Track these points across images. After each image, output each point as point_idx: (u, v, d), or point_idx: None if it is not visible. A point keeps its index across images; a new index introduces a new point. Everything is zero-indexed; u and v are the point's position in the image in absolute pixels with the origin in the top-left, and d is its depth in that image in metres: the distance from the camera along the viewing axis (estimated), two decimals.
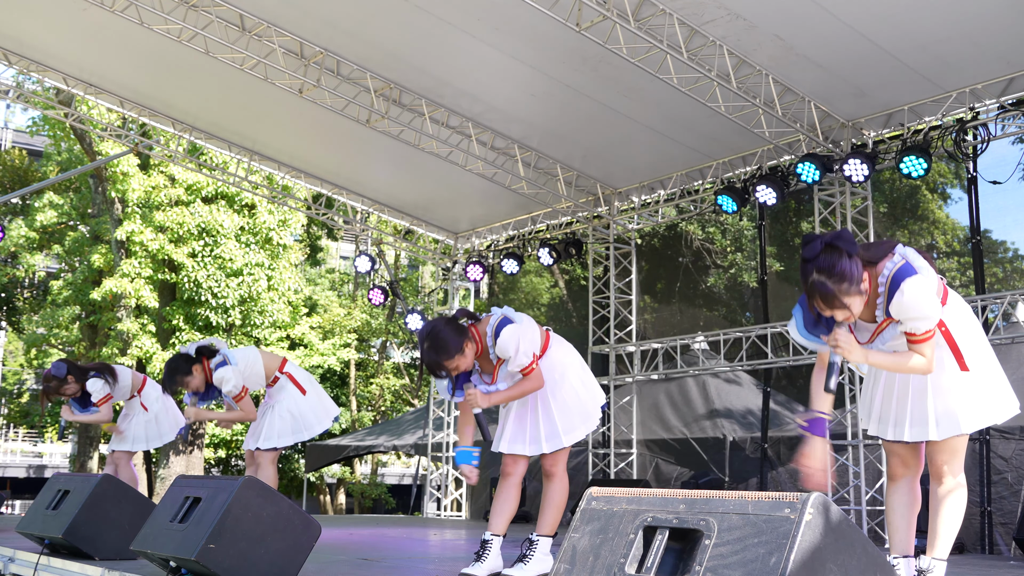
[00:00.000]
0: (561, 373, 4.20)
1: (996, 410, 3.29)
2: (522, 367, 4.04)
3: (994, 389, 3.31)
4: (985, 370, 3.31)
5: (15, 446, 34.89)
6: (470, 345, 4.00)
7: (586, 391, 4.26)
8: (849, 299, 3.01)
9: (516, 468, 4.22)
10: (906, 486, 3.44)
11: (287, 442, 5.71)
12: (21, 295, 23.93)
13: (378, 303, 12.92)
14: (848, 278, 2.98)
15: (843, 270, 2.97)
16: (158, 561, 3.77)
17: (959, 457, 3.30)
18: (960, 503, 3.28)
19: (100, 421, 6.61)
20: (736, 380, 12.31)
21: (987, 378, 3.31)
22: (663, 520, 2.23)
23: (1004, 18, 7.08)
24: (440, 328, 3.95)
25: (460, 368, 3.99)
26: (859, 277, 3.01)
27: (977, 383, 3.28)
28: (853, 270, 2.99)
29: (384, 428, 17.90)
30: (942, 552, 3.25)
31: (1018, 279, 13.45)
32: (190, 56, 8.74)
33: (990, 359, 3.35)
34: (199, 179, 16.55)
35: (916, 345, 3.13)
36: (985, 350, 3.35)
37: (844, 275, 2.98)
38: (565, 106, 9.23)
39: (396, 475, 30.81)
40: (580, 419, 4.18)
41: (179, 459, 17.65)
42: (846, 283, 2.98)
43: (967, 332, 3.32)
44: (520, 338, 4.01)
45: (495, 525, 4.18)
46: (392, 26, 8.27)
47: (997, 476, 8.26)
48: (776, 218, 12.58)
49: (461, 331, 3.98)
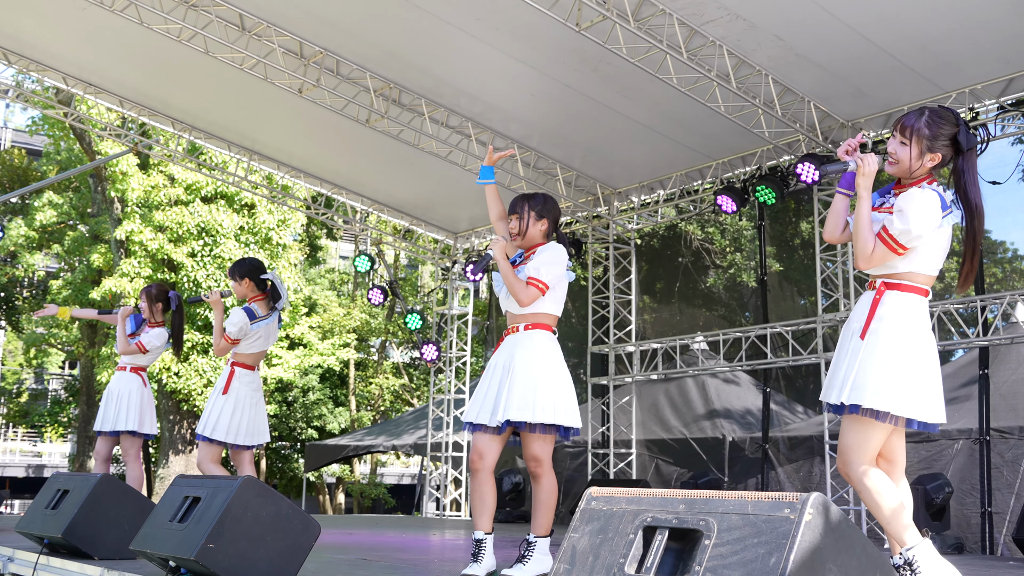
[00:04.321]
0: (552, 360, 4.17)
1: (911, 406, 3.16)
2: (535, 273, 4.15)
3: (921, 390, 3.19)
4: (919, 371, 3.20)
5: (14, 445, 34.90)
6: (544, 225, 4.30)
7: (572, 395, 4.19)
8: (915, 145, 3.26)
9: (483, 463, 4.13)
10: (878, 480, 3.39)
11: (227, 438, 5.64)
12: (20, 295, 23.93)
13: (377, 303, 12.92)
14: (936, 134, 3.25)
15: (939, 129, 3.26)
16: (157, 561, 3.77)
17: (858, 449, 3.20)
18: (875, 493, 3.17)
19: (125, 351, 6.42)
20: (735, 380, 12.32)
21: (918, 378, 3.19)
22: (663, 520, 2.23)
23: (1004, 18, 7.08)
24: (550, 198, 4.41)
25: (523, 227, 4.27)
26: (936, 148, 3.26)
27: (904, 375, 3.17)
28: (941, 138, 3.26)
29: (383, 428, 17.91)
30: (911, 539, 3.16)
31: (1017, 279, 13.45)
32: (190, 56, 8.74)
33: (931, 367, 3.23)
34: (198, 179, 16.55)
35: (878, 238, 3.23)
36: (930, 358, 3.24)
37: (936, 130, 3.25)
38: (565, 106, 9.23)
39: (395, 475, 30.82)
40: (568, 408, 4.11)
41: (179, 459, 17.65)
42: (929, 132, 3.26)
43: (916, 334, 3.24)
44: (557, 262, 4.20)
45: (480, 524, 4.15)
46: (392, 26, 8.27)
47: (997, 476, 8.26)
48: (776, 218, 12.58)
49: (552, 213, 4.33)
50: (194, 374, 16.84)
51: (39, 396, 31.12)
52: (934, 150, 3.27)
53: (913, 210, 3.19)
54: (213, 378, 16.97)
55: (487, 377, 4.24)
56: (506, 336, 4.28)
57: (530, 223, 4.26)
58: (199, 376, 16.88)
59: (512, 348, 4.18)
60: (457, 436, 13.07)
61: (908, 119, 3.31)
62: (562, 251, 4.24)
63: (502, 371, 4.16)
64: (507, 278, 4.16)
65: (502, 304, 4.32)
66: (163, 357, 16.52)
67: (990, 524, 8.11)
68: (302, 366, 21.06)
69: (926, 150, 3.26)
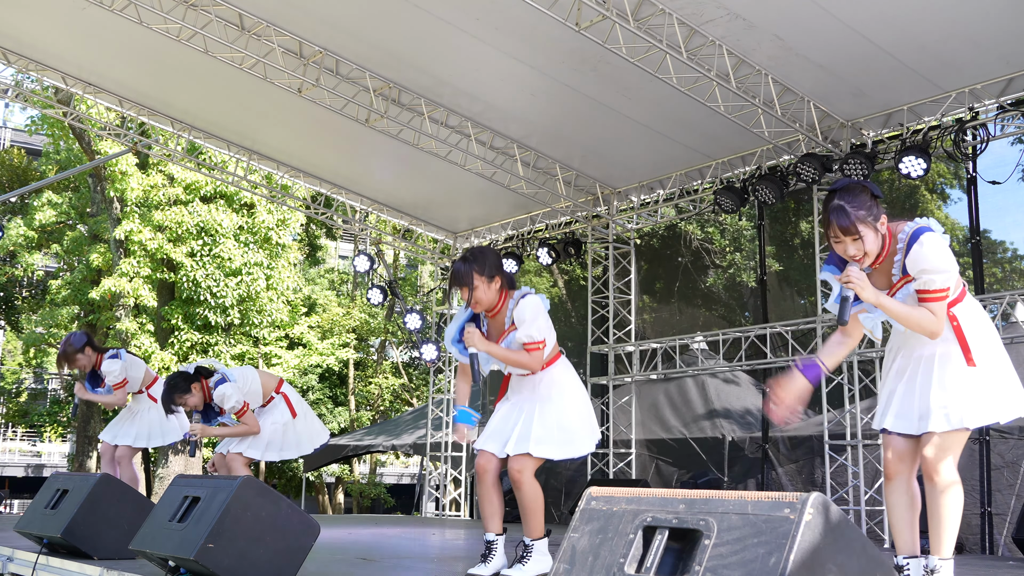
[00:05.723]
0: (560, 392, 4.18)
1: (1001, 408, 3.27)
2: (529, 340, 4.04)
3: (1002, 387, 3.29)
4: (995, 367, 3.30)
5: (13, 445, 34.89)
6: (498, 283, 4.09)
7: (580, 421, 4.20)
8: (865, 228, 3.19)
9: (488, 467, 4.17)
10: (903, 484, 3.42)
11: (266, 457, 5.80)
12: (20, 294, 23.92)
13: (377, 302, 12.92)
14: (866, 208, 3.18)
15: (863, 200, 3.19)
16: (157, 560, 3.77)
17: (953, 454, 3.27)
18: (957, 499, 3.26)
19: (112, 403, 6.60)
20: (734, 380, 12.31)
21: (996, 376, 3.29)
22: (663, 520, 2.23)
23: (1004, 18, 7.08)
24: (488, 250, 4.17)
25: (478, 296, 4.05)
26: (877, 214, 3.21)
27: (984, 380, 3.26)
28: (872, 205, 3.21)
29: (383, 428, 17.91)
30: (947, 551, 3.24)
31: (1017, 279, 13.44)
32: (189, 55, 8.73)
33: (1002, 358, 3.34)
34: (198, 178, 16.53)
35: (927, 303, 3.22)
36: (997, 349, 3.35)
37: (863, 204, 3.18)
38: (564, 106, 9.22)
39: (395, 475, 30.82)
40: (560, 441, 4.10)
41: (178, 459, 17.63)
42: (863, 211, 3.18)
43: (978, 329, 3.33)
44: (540, 313, 4.07)
45: (491, 526, 4.20)
46: (391, 26, 8.27)
47: (997, 476, 8.26)
48: (775, 218, 12.58)
49: (500, 267, 4.10)
50: None
51: (38, 396, 31.13)
52: (878, 217, 3.24)
53: (935, 262, 3.20)
54: None
55: (504, 412, 4.25)
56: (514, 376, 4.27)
57: (483, 288, 4.07)
58: None
59: (535, 388, 4.18)
60: (456, 436, 13.04)
61: (840, 220, 3.20)
62: (533, 300, 4.11)
63: (526, 407, 4.18)
64: (508, 361, 4.10)
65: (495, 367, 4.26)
66: (162, 357, 16.52)
67: (990, 524, 8.11)
68: (301, 366, 21.07)
69: (873, 222, 3.23)
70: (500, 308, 4.16)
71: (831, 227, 3.23)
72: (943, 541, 3.24)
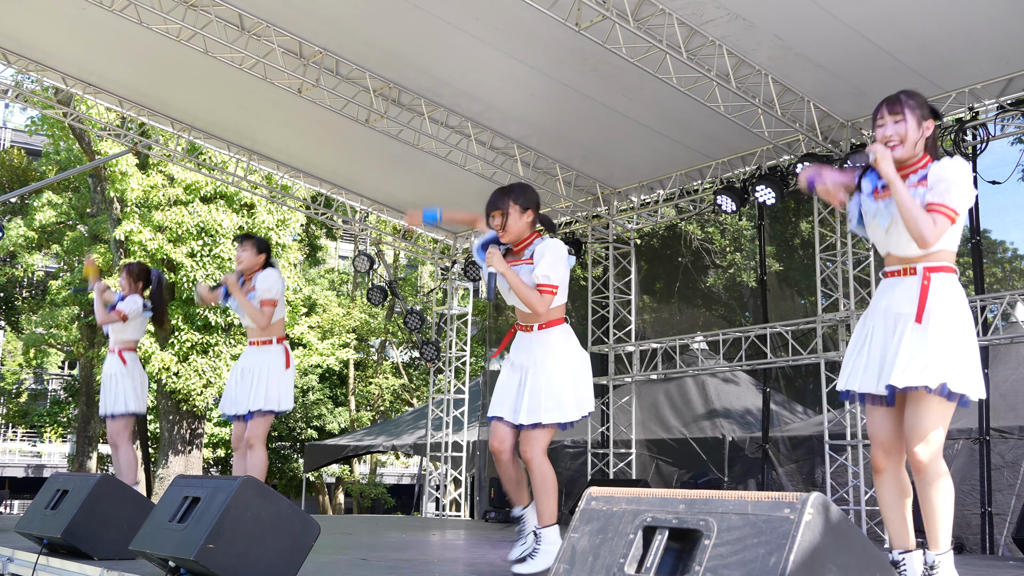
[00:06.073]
0: (554, 357, 4.18)
1: (974, 384, 3.23)
2: (544, 280, 4.08)
3: (976, 366, 3.27)
4: (972, 346, 3.29)
5: (14, 446, 34.88)
6: (530, 216, 4.21)
7: (571, 388, 4.19)
8: (911, 115, 3.39)
9: (503, 446, 4.20)
10: (892, 478, 3.40)
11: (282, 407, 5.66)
12: (20, 295, 23.93)
13: (377, 303, 12.92)
14: (920, 104, 3.43)
15: (921, 99, 3.46)
16: (157, 561, 3.77)
17: (939, 434, 3.22)
18: (947, 490, 3.23)
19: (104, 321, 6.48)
20: (734, 380, 12.31)
21: (976, 360, 3.28)
22: (663, 520, 2.23)
23: (1003, 18, 7.08)
24: (529, 187, 4.32)
25: (509, 223, 4.18)
26: (926, 115, 3.42)
27: (967, 351, 3.24)
28: (927, 108, 3.44)
29: (383, 428, 17.91)
30: (944, 544, 3.23)
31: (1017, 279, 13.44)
32: (189, 56, 8.73)
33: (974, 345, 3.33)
34: (198, 179, 16.53)
35: (935, 212, 3.26)
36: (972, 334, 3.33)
37: (919, 101, 3.44)
38: (564, 106, 9.22)
39: (395, 475, 30.82)
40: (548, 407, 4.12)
41: (178, 459, 17.64)
42: (915, 102, 3.42)
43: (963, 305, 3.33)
44: (562, 259, 4.13)
45: (517, 500, 4.31)
46: (391, 26, 8.27)
47: (997, 476, 8.26)
48: (775, 218, 12.58)
49: (536, 204, 4.23)
50: (193, 374, 16.83)
51: (39, 396, 31.14)
52: (926, 117, 3.42)
53: (957, 177, 3.29)
54: (212, 378, 16.96)
55: (507, 373, 4.30)
56: (518, 331, 4.29)
57: (515, 216, 4.19)
58: (199, 376, 16.87)
59: (530, 348, 4.22)
60: (456, 436, 13.06)
61: (891, 99, 3.45)
62: (560, 244, 4.19)
63: (521, 371, 4.22)
64: (518, 290, 4.10)
65: (507, 300, 4.28)
66: (162, 358, 16.52)
67: (990, 524, 8.11)
68: (302, 366, 21.07)
69: (921, 119, 3.41)
70: (526, 244, 4.24)
71: (879, 110, 3.45)
72: (939, 535, 3.22)
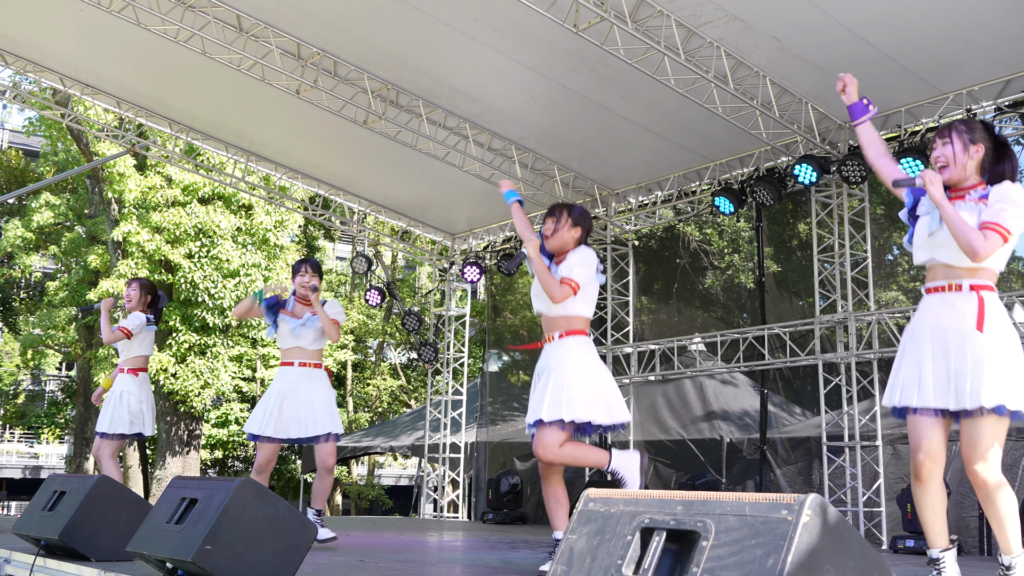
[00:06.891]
0: (569, 363, 4.29)
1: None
2: (568, 274, 4.31)
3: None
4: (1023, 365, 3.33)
5: (11, 447, 34.84)
6: (577, 233, 4.46)
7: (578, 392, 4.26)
8: (957, 138, 3.44)
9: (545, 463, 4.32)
10: (935, 486, 3.40)
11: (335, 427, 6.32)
12: (17, 296, 23.91)
13: (375, 304, 12.92)
14: (971, 130, 3.47)
15: (973, 125, 3.50)
16: (154, 562, 3.76)
17: (997, 450, 3.26)
18: (1010, 498, 3.30)
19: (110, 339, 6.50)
20: (732, 381, 12.31)
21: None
22: (660, 521, 2.23)
23: (1002, 20, 7.09)
24: (586, 210, 4.69)
25: (559, 230, 4.42)
26: (975, 139, 3.45)
27: (1021, 370, 3.29)
28: (978, 132, 3.47)
29: (381, 429, 17.89)
30: (1016, 548, 3.34)
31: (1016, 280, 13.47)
32: (187, 57, 8.73)
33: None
34: (196, 180, 16.52)
35: (988, 229, 3.27)
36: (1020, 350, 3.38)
37: (971, 126, 3.49)
38: (562, 107, 9.23)
39: (393, 476, 30.80)
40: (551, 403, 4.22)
41: (176, 460, 17.62)
42: (965, 127, 3.48)
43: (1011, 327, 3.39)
44: (590, 266, 4.37)
45: (554, 523, 4.39)
46: (389, 27, 8.27)
47: None
48: (773, 219, 12.60)
49: (588, 227, 4.52)
50: (191, 375, 16.82)
51: (36, 397, 31.10)
52: (976, 141, 3.42)
53: (1016, 199, 3.30)
54: (211, 379, 16.96)
55: (533, 385, 4.50)
56: (544, 344, 4.47)
57: (565, 227, 4.43)
58: (196, 377, 16.86)
59: (548, 356, 4.41)
60: (454, 437, 13.06)
61: (943, 125, 3.54)
62: (592, 254, 4.43)
63: (538, 378, 4.42)
64: (541, 275, 4.31)
65: (535, 306, 4.49)
66: (160, 359, 16.50)
67: (989, 526, 8.11)
68: None
69: (968, 142, 3.42)
70: (564, 254, 4.45)
71: (942, 129, 3.52)
72: (1010, 540, 3.34)
